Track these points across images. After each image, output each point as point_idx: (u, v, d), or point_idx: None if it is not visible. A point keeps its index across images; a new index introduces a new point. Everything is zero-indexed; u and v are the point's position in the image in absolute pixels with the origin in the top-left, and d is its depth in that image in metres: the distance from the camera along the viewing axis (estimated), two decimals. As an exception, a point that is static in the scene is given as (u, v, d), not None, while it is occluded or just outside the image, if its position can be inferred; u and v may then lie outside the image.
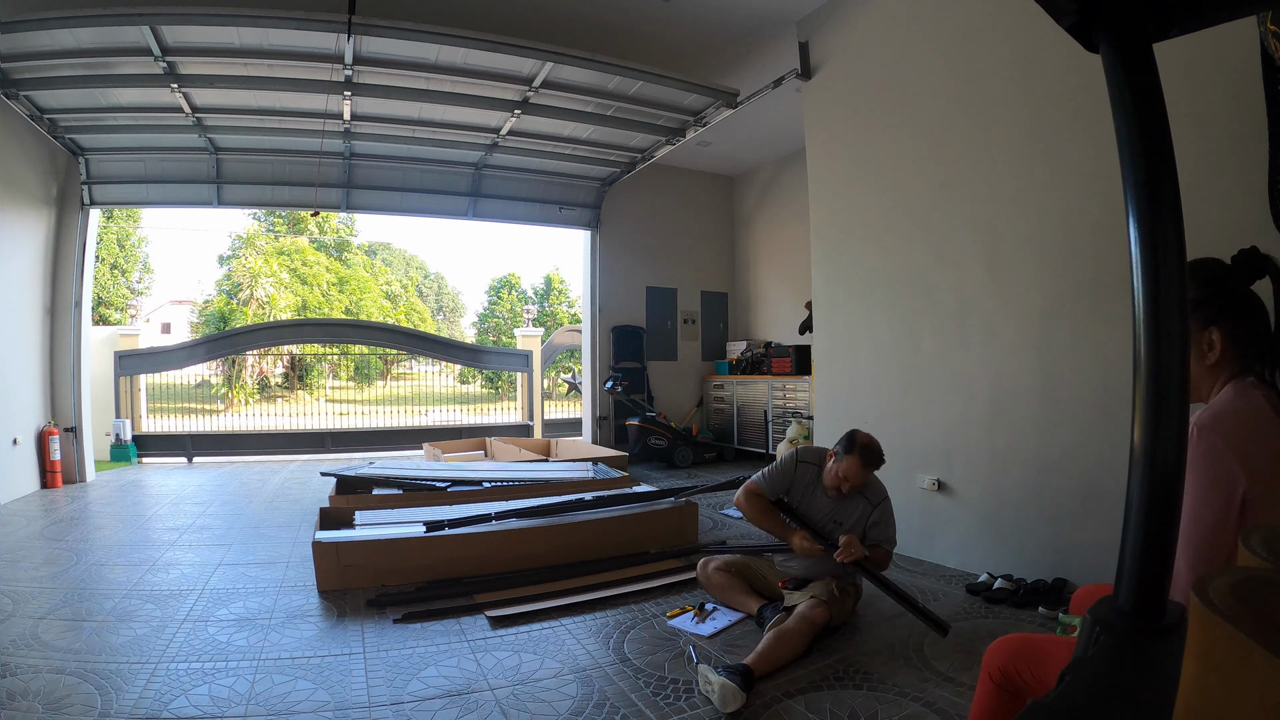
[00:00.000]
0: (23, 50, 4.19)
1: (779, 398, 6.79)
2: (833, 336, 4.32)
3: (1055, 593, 2.83)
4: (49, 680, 2.14)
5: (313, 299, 22.44)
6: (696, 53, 5.18)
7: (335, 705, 2.05)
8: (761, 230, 8.06)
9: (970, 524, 3.40)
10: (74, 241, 5.94)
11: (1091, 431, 2.89)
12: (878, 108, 3.99)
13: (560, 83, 4.88)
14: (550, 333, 11.91)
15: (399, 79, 4.75)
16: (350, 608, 2.88)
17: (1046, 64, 3.04)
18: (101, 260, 20.01)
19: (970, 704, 1.91)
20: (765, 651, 2.27)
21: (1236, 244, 2.51)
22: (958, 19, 3.49)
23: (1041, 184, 3.13)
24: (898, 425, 3.80)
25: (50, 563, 3.49)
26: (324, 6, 3.90)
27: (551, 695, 2.12)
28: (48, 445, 5.61)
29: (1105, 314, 2.85)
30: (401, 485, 4.50)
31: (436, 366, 12.07)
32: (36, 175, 5.58)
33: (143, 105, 5.09)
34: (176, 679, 2.18)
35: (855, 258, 4.14)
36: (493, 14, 4.53)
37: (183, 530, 4.27)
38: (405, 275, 32.63)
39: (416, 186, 6.86)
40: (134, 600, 2.94)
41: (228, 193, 6.43)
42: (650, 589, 3.09)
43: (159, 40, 4.09)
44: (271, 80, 4.71)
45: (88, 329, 6.12)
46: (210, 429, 9.14)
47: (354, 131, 5.68)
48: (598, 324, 7.57)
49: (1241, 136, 2.36)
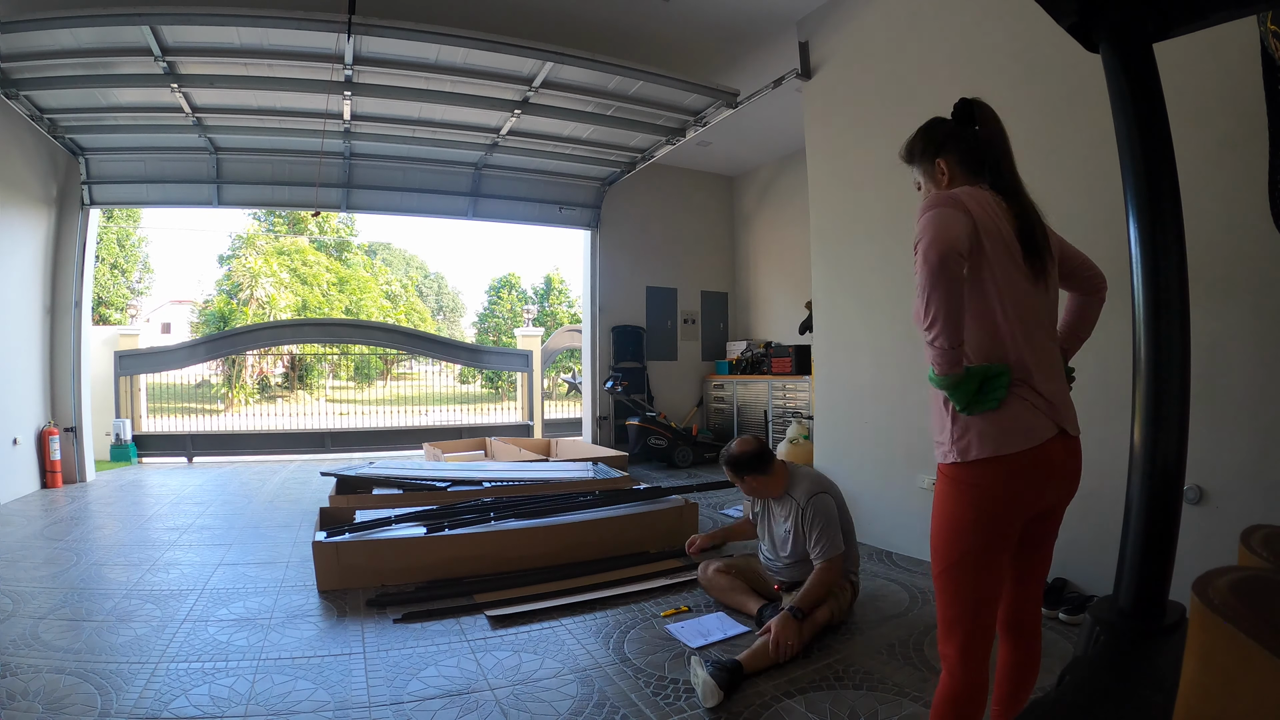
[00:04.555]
0: (23, 50, 4.19)
1: (779, 398, 6.79)
2: (833, 336, 4.32)
3: (1055, 593, 2.83)
4: (49, 680, 2.14)
5: (313, 299, 22.45)
6: (696, 53, 5.18)
7: (335, 705, 2.05)
8: (761, 230, 8.06)
9: (970, 524, 3.39)
10: (74, 241, 5.94)
11: (1091, 431, 2.88)
12: (878, 108, 3.99)
13: (560, 82, 4.88)
14: (550, 333, 11.91)
15: (399, 79, 4.75)
16: (350, 608, 2.88)
17: (1046, 64, 3.04)
18: (101, 260, 20.03)
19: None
20: (760, 649, 2.27)
21: (1236, 243, 2.51)
22: (958, 19, 3.49)
23: (1041, 183, 3.11)
24: (898, 425, 3.80)
25: (50, 563, 3.49)
26: (324, 6, 3.90)
27: (551, 695, 2.12)
28: (48, 445, 5.61)
29: (1105, 314, 2.84)
30: (401, 485, 4.50)
31: (436, 366, 12.06)
32: (36, 175, 5.58)
33: (143, 105, 5.09)
34: (176, 679, 2.18)
35: (855, 258, 4.14)
36: (493, 14, 4.53)
37: (183, 530, 4.27)
38: (405, 275, 32.63)
39: (416, 186, 6.86)
40: (134, 600, 2.94)
41: (228, 193, 6.43)
42: (650, 589, 3.09)
43: (159, 40, 4.09)
44: (271, 80, 4.71)
45: (88, 329, 6.12)
46: (210, 429, 9.14)
47: (354, 131, 5.68)
48: (598, 324, 7.57)
49: (1241, 136, 2.36)
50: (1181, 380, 1.20)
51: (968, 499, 1.32)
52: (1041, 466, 1.31)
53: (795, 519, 2.67)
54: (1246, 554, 0.65)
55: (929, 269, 1.25)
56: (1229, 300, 2.45)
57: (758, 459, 2.71)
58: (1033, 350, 1.33)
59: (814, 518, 2.60)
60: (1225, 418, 2.44)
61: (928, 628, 2.63)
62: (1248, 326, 2.42)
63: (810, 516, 2.60)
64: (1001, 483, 1.29)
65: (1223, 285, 2.45)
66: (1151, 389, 1.18)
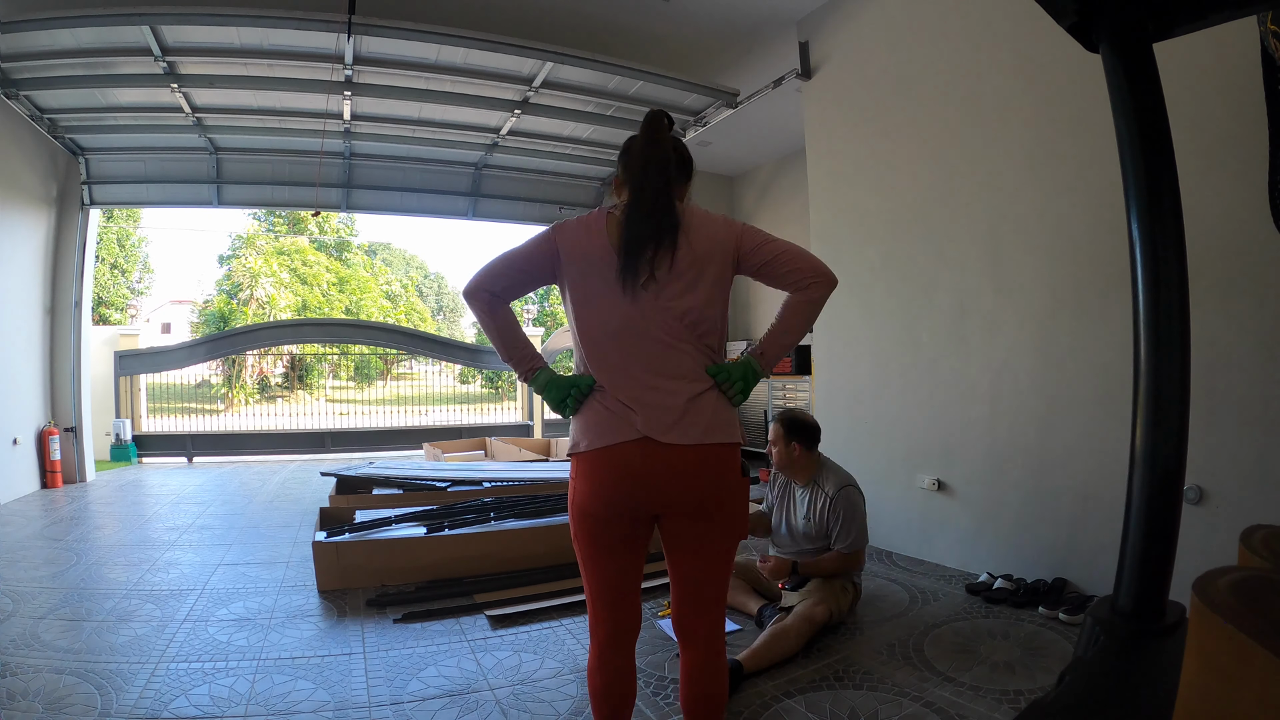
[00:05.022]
0: (23, 50, 4.19)
1: (779, 398, 6.79)
2: (833, 336, 4.32)
3: (1055, 592, 2.83)
4: (49, 680, 2.14)
5: (313, 299, 22.44)
6: (696, 53, 5.18)
7: (335, 705, 2.05)
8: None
9: (970, 524, 3.40)
10: (74, 241, 5.94)
11: (1091, 431, 2.89)
12: (878, 108, 3.99)
13: (560, 82, 4.88)
14: (550, 333, 11.91)
15: (399, 79, 4.75)
16: (350, 608, 2.88)
17: (1046, 64, 3.04)
18: (101, 260, 20.00)
19: (970, 704, 1.91)
20: (759, 649, 2.27)
21: (1236, 243, 2.52)
22: (958, 19, 3.49)
23: (1042, 183, 3.13)
24: (898, 425, 3.80)
25: (50, 563, 3.49)
26: (324, 6, 3.89)
27: (551, 695, 2.12)
28: (48, 445, 5.61)
29: (1105, 314, 2.85)
30: (401, 485, 4.50)
31: (436, 366, 12.06)
32: (36, 175, 5.58)
33: (143, 105, 5.09)
34: (176, 679, 2.18)
35: (855, 258, 4.14)
36: (492, 14, 4.53)
37: (183, 530, 4.27)
38: (405, 275, 32.62)
39: (416, 186, 6.86)
40: (134, 600, 2.94)
41: (228, 193, 6.44)
42: (650, 589, 3.09)
43: (159, 40, 4.09)
44: (271, 80, 4.70)
45: (88, 329, 6.13)
46: (210, 429, 9.15)
47: (354, 131, 5.68)
48: (598, 324, 7.57)
49: (1241, 136, 2.36)
50: (1181, 380, 1.20)
51: (569, 488, 1.49)
52: (615, 467, 1.39)
53: (821, 509, 2.69)
54: (1246, 554, 0.65)
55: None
56: (1229, 300, 2.45)
57: (814, 433, 2.78)
58: (618, 361, 1.41)
59: (843, 510, 2.64)
60: (1225, 418, 2.44)
61: (928, 628, 2.63)
62: (1248, 326, 2.42)
63: (838, 508, 2.65)
64: (582, 476, 1.44)
65: (1223, 285, 2.45)
66: (1151, 389, 1.18)
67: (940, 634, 2.57)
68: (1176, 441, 1.13)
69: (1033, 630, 2.57)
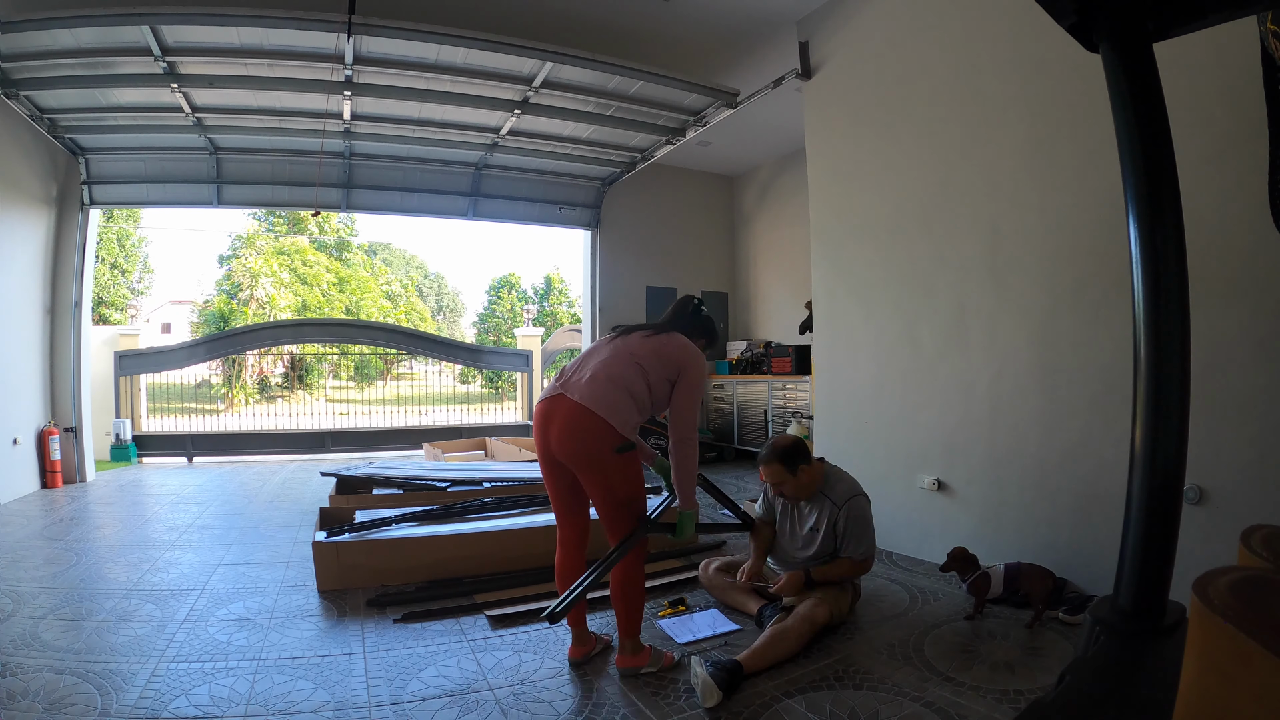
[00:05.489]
0: (23, 50, 4.19)
1: (779, 398, 6.79)
2: (833, 336, 4.32)
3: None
4: (49, 680, 2.14)
5: (313, 299, 22.44)
6: (696, 53, 5.18)
7: (335, 705, 2.05)
8: (761, 230, 8.06)
9: (970, 524, 3.40)
10: (74, 241, 5.94)
11: (1091, 431, 2.89)
12: (878, 108, 3.99)
13: (560, 82, 4.88)
14: (550, 333, 11.91)
15: (399, 79, 4.75)
16: (350, 608, 2.88)
17: (1046, 64, 3.04)
18: (101, 260, 20.01)
19: (970, 704, 1.91)
20: (759, 649, 2.27)
21: (1236, 243, 2.51)
22: (958, 19, 3.49)
23: (1042, 183, 3.13)
24: (898, 425, 3.81)
25: (50, 563, 3.49)
26: (324, 6, 3.89)
27: (551, 695, 2.13)
28: (48, 445, 5.61)
29: (1105, 314, 2.85)
30: (401, 485, 4.50)
31: (436, 366, 12.05)
32: (36, 175, 5.58)
33: (143, 105, 5.08)
34: (176, 679, 2.19)
35: (855, 258, 4.14)
36: (493, 14, 4.53)
37: (183, 530, 4.27)
38: (405, 275, 32.63)
39: (416, 186, 6.86)
40: (134, 600, 2.94)
41: (228, 193, 6.43)
42: (650, 588, 3.09)
43: (159, 40, 4.09)
44: (271, 80, 4.70)
45: (88, 329, 6.12)
46: (210, 429, 9.14)
47: (354, 131, 5.67)
48: (598, 324, 7.57)
49: (1241, 136, 2.36)
50: (1181, 380, 1.20)
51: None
52: (541, 414, 2.25)
53: (828, 519, 2.68)
54: (1246, 554, 0.65)
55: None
56: (1229, 300, 2.45)
57: (802, 448, 2.72)
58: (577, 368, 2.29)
59: (853, 520, 2.65)
60: (1225, 418, 2.44)
61: (928, 628, 2.63)
62: (1247, 326, 2.42)
63: (847, 517, 2.64)
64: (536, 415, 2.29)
65: (1223, 285, 2.45)
66: (1151, 389, 1.18)
67: (940, 634, 2.57)
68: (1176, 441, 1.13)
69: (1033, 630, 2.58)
